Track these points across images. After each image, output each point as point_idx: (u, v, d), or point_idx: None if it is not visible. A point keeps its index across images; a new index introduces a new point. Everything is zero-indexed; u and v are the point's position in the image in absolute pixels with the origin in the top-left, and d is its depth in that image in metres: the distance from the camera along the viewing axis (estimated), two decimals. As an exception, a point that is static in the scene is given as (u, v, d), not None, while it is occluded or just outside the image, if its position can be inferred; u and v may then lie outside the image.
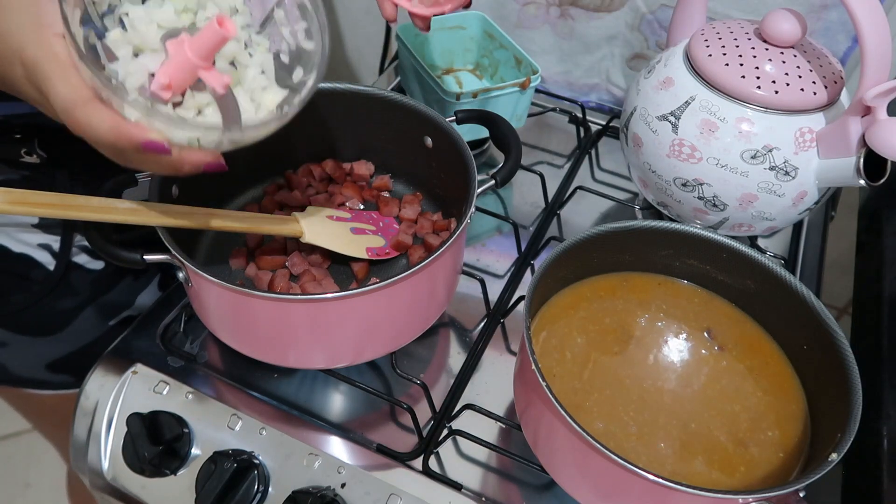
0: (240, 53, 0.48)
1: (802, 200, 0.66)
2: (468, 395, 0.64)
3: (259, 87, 0.48)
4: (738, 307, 0.61)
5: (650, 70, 0.72)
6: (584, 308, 0.60)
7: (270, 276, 0.64)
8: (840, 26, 0.80)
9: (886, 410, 0.61)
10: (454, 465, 0.59)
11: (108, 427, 0.61)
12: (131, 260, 0.53)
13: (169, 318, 0.68)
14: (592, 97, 0.99)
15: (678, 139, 0.66)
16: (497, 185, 0.61)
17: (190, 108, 0.45)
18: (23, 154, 0.63)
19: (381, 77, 1.03)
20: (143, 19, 0.44)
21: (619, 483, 0.46)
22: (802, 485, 0.44)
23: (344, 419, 0.62)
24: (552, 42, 0.96)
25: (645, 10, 0.87)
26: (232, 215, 0.60)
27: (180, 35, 0.44)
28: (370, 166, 0.75)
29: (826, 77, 0.63)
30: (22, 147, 0.63)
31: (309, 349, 0.58)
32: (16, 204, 0.45)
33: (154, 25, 0.45)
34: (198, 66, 0.43)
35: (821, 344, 0.52)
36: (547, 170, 0.87)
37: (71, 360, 0.76)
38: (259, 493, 0.57)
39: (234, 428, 0.60)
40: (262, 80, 0.49)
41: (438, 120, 0.66)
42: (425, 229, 0.70)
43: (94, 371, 0.64)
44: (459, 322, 0.70)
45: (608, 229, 0.58)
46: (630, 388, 0.55)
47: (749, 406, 0.55)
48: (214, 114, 0.46)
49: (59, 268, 0.71)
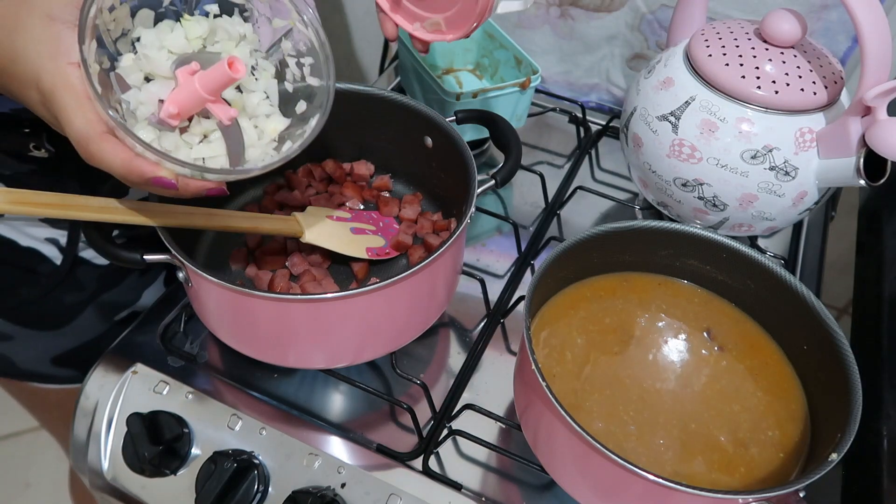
0: (246, 79, 0.49)
1: (802, 200, 0.66)
2: (468, 395, 0.64)
3: (263, 115, 0.49)
4: (738, 307, 0.61)
5: (650, 70, 0.72)
6: (584, 308, 0.60)
7: (270, 276, 0.64)
8: (840, 26, 0.80)
9: (886, 410, 0.61)
10: (454, 465, 0.59)
11: (108, 427, 0.62)
12: (131, 260, 0.53)
13: (169, 318, 0.68)
14: (592, 97, 0.99)
15: (678, 139, 0.66)
16: (497, 185, 0.61)
17: (196, 133, 0.46)
18: (31, 148, 0.64)
19: (381, 77, 1.03)
20: (154, 44, 0.45)
21: (619, 483, 0.46)
22: (802, 485, 0.44)
23: (344, 419, 0.62)
24: (552, 42, 0.96)
25: (645, 10, 0.87)
26: (232, 215, 0.60)
27: (191, 63, 0.45)
28: (370, 166, 0.75)
29: (826, 77, 0.63)
30: (30, 141, 0.64)
31: (309, 349, 0.58)
32: (17, 204, 0.45)
33: (165, 51, 0.46)
34: (206, 99, 0.44)
35: (821, 344, 0.52)
36: (547, 170, 0.87)
37: (76, 354, 0.77)
38: (259, 493, 0.57)
39: (234, 428, 0.60)
40: (266, 107, 0.50)
41: (438, 120, 0.66)
42: (425, 229, 0.70)
43: (94, 371, 0.64)
44: (459, 322, 0.70)
45: (608, 229, 0.58)
46: (630, 388, 0.55)
47: (749, 406, 0.55)
48: (219, 141, 0.47)
49: (66, 262, 0.71)
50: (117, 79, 0.44)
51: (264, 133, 0.49)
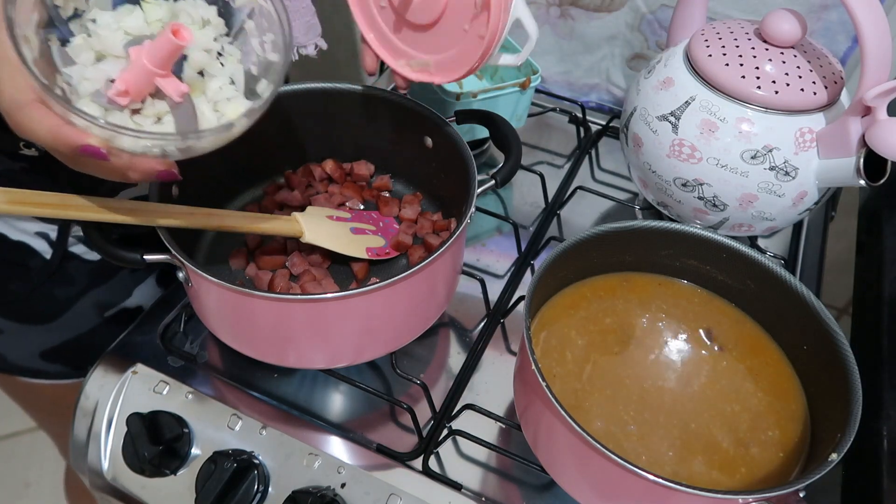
0: (210, 64, 0.48)
1: (802, 200, 0.66)
2: (468, 395, 0.64)
3: (224, 98, 0.48)
4: (738, 307, 0.61)
5: (650, 70, 0.72)
6: (584, 308, 0.60)
7: (270, 276, 0.64)
8: (840, 26, 0.80)
9: (886, 410, 0.61)
10: (454, 465, 0.59)
11: (108, 427, 0.61)
12: (131, 260, 0.53)
13: (169, 318, 0.68)
14: (592, 97, 0.99)
15: (678, 139, 0.66)
16: (497, 185, 0.61)
17: (149, 115, 0.45)
18: (21, 147, 0.63)
19: (381, 77, 1.03)
20: (111, 25, 0.44)
21: (619, 483, 0.46)
22: (802, 485, 0.44)
23: (344, 419, 0.62)
24: (552, 42, 0.96)
25: (645, 10, 0.87)
26: (232, 215, 0.60)
27: (143, 42, 0.44)
28: (370, 166, 0.75)
29: (826, 77, 0.63)
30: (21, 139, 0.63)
31: (309, 349, 0.58)
32: (16, 204, 0.45)
33: (121, 32, 0.45)
34: (154, 73, 0.43)
35: (821, 344, 0.52)
36: (547, 170, 0.87)
37: (66, 349, 0.76)
38: (259, 493, 0.57)
39: (234, 428, 0.60)
40: (229, 91, 0.49)
41: (438, 120, 0.66)
42: (425, 229, 0.70)
43: (94, 371, 0.64)
44: (459, 322, 0.70)
45: (608, 229, 0.57)
46: (630, 388, 0.55)
47: (749, 406, 0.55)
48: (171, 123, 0.46)
49: (56, 257, 0.71)
50: (60, 53, 0.43)
51: (224, 116, 0.48)
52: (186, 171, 0.60)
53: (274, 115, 0.68)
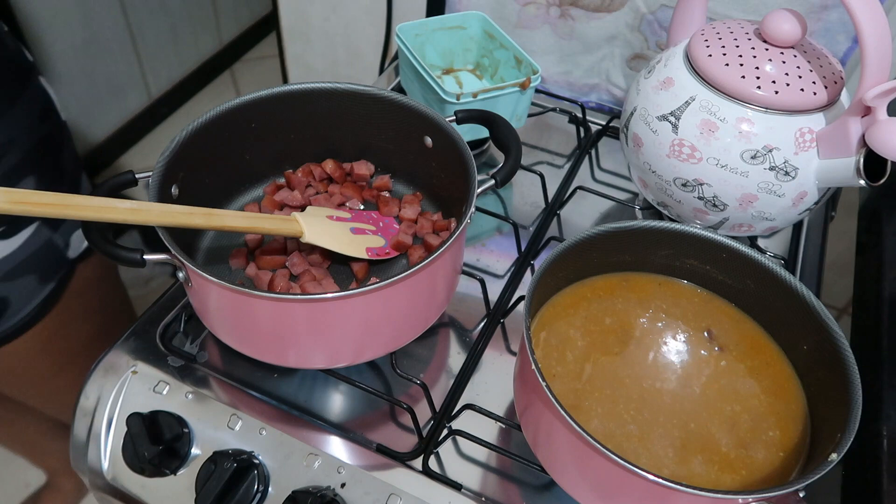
0: None
1: (802, 201, 0.66)
2: (468, 395, 0.64)
3: None
4: (738, 307, 0.61)
5: (650, 70, 0.72)
6: (584, 308, 0.60)
7: (270, 276, 0.64)
8: (840, 26, 0.80)
9: (886, 410, 0.61)
10: (454, 465, 0.59)
11: (108, 427, 0.61)
12: (131, 260, 0.53)
13: (169, 318, 0.68)
14: (592, 97, 0.99)
15: (678, 139, 0.66)
16: (497, 185, 0.61)
17: None
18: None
19: (381, 77, 1.03)
20: None
21: (619, 483, 0.46)
22: (802, 485, 0.44)
23: (344, 419, 0.62)
24: (552, 42, 0.96)
25: (645, 10, 0.87)
26: (232, 215, 0.60)
27: None
28: (370, 166, 0.75)
29: (826, 77, 0.63)
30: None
31: (309, 349, 0.58)
32: (16, 203, 0.45)
33: None
34: None
35: (821, 344, 0.52)
36: (547, 170, 0.87)
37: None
38: (259, 493, 0.57)
39: (234, 428, 0.60)
40: None
41: (438, 120, 0.66)
42: (425, 229, 0.70)
43: (93, 371, 0.64)
44: (459, 322, 0.70)
45: (608, 229, 0.57)
46: (630, 388, 0.55)
47: (749, 406, 0.55)
48: None
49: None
50: None
51: None
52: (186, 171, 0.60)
53: (274, 115, 0.69)
